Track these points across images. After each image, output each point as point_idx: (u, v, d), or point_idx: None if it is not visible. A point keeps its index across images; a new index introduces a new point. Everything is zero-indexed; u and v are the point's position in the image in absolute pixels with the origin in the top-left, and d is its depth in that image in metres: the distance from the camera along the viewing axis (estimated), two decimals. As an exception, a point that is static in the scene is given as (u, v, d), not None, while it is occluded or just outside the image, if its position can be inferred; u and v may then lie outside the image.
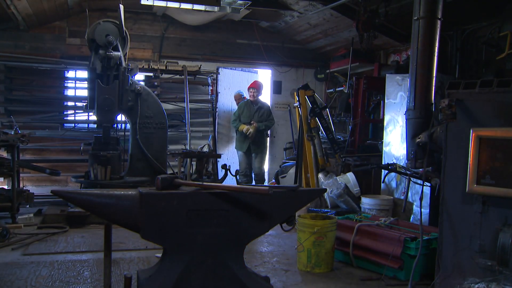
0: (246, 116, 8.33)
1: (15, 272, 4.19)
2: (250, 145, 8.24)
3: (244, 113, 8.37)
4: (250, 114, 8.30)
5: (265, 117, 8.37)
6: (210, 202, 2.71)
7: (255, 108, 8.34)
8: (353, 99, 7.59)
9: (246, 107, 8.39)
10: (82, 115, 8.69)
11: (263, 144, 8.52)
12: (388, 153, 6.28)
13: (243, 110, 8.40)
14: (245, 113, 8.35)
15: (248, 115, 8.32)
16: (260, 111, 8.36)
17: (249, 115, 8.31)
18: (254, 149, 8.31)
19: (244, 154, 8.37)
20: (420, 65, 4.30)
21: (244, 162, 8.41)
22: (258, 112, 8.33)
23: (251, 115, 8.30)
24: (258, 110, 8.34)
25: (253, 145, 8.27)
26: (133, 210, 2.61)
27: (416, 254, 3.97)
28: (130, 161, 6.94)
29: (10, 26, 7.93)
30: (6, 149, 6.60)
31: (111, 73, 6.54)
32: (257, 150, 8.35)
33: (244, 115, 8.35)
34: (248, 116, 8.29)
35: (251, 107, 8.37)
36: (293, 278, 4.29)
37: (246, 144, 8.27)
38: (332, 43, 9.31)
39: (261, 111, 8.37)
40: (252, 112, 8.32)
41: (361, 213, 5.68)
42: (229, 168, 7.13)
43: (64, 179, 8.37)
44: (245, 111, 8.36)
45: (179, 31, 9.15)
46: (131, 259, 4.70)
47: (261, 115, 8.34)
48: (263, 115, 8.38)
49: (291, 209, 3.06)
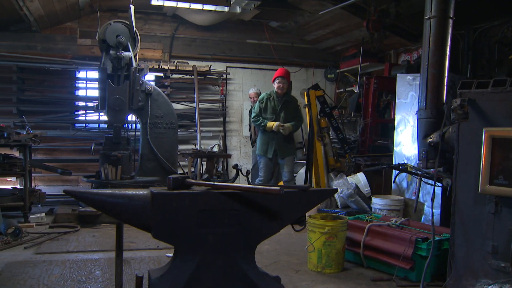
0: (270, 111, 6.89)
1: (27, 271, 4.22)
2: (277, 149, 6.80)
3: (268, 109, 6.92)
4: (275, 110, 6.87)
5: (292, 114, 6.94)
6: (221, 202, 2.71)
7: (281, 102, 6.90)
8: (363, 99, 7.56)
9: (270, 101, 6.92)
10: (93, 115, 8.73)
11: (293, 148, 7.09)
12: (399, 153, 6.25)
13: (266, 104, 6.93)
14: (268, 108, 6.90)
15: (272, 110, 6.89)
16: (287, 106, 6.92)
17: (273, 110, 6.88)
18: (283, 153, 6.82)
19: (269, 160, 6.87)
20: (431, 65, 4.28)
21: (268, 171, 6.95)
22: (285, 108, 6.90)
23: (276, 110, 6.86)
24: (285, 105, 6.90)
25: (281, 148, 6.81)
26: (145, 210, 2.62)
27: (428, 254, 3.94)
28: (140, 161, 6.96)
29: (23, 27, 8.00)
30: (18, 149, 6.67)
31: (121, 73, 6.58)
32: (286, 155, 6.85)
33: (268, 110, 6.91)
34: (273, 112, 6.87)
35: (276, 100, 6.91)
36: (304, 278, 4.29)
37: (272, 147, 6.80)
38: (342, 43, 9.28)
39: (288, 106, 6.93)
40: (277, 107, 6.87)
41: (372, 213, 5.67)
42: (241, 168, 7.12)
43: (75, 178, 8.42)
44: (269, 106, 6.90)
45: (189, 31, 9.17)
46: (142, 258, 4.72)
47: (288, 112, 6.90)
48: (291, 111, 6.95)
49: (302, 209, 3.05)
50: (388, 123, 7.85)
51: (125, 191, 2.67)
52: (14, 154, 6.78)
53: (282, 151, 6.81)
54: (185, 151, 7.80)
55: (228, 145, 9.27)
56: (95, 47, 8.08)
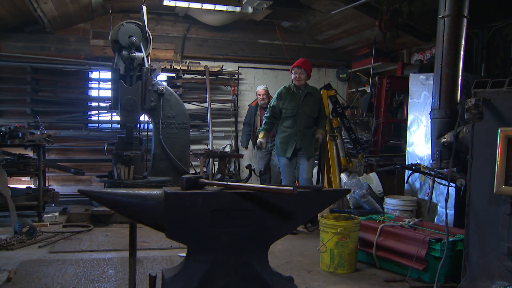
0: (289, 106, 5.98)
1: (42, 270, 4.26)
2: (298, 148, 5.98)
3: (286, 103, 5.99)
4: (296, 104, 5.96)
5: (316, 109, 6.09)
6: (235, 202, 2.72)
7: (302, 95, 6.03)
8: (376, 99, 7.52)
9: (289, 94, 6.02)
10: (105, 115, 8.79)
11: (314, 147, 6.15)
12: (411, 153, 6.21)
13: (284, 98, 6.02)
14: (288, 103, 5.98)
15: (293, 105, 5.96)
16: (309, 99, 6.04)
17: (294, 105, 5.96)
18: (304, 153, 5.98)
19: (289, 161, 6.02)
20: (445, 64, 4.24)
21: (290, 172, 6.06)
22: (308, 101, 6.02)
23: (297, 104, 5.96)
24: (307, 98, 6.03)
25: (302, 148, 5.97)
26: (158, 210, 2.63)
27: (441, 255, 3.91)
28: (152, 161, 7.00)
29: (37, 28, 8.08)
30: (32, 149, 6.73)
31: (134, 74, 6.62)
32: (308, 154, 5.99)
33: (288, 105, 5.98)
34: (294, 107, 5.95)
35: (295, 93, 6.03)
36: (316, 279, 4.27)
37: (291, 146, 5.96)
38: (354, 43, 9.24)
39: (311, 99, 6.04)
40: (298, 100, 5.99)
41: (384, 213, 5.64)
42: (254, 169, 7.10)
43: (88, 178, 8.49)
44: (288, 100, 6.00)
45: (201, 31, 9.19)
46: (154, 258, 4.74)
47: (311, 106, 6.03)
48: (315, 106, 6.08)
49: (315, 210, 3.05)
50: (401, 123, 7.80)
51: (139, 191, 2.68)
52: (28, 154, 6.85)
53: (306, 149, 5.98)
54: (197, 151, 7.82)
55: (240, 145, 9.27)
56: (107, 47, 8.14)
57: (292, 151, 5.95)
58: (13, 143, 6.02)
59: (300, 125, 5.96)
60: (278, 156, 6.15)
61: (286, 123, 6.02)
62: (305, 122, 5.99)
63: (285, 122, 6.03)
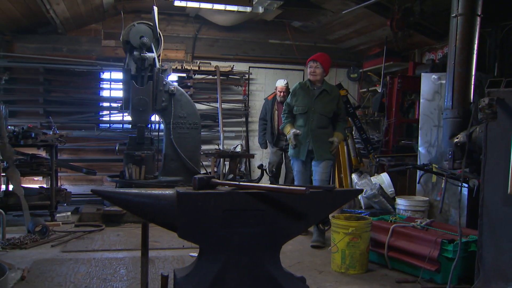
0: (302, 102, 5.51)
1: (54, 269, 4.30)
2: (311, 149, 5.44)
3: (299, 100, 5.55)
4: (309, 101, 5.47)
5: (332, 108, 5.51)
6: (247, 202, 2.71)
7: (317, 92, 5.52)
8: (387, 99, 7.48)
9: (303, 90, 5.57)
10: (117, 116, 8.83)
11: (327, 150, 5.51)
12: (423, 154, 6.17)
13: (298, 94, 5.59)
14: (301, 99, 5.53)
15: (306, 102, 5.49)
16: (325, 96, 5.51)
17: (307, 102, 5.48)
18: (317, 155, 5.43)
19: (303, 164, 5.55)
20: (458, 64, 4.20)
21: (304, 176, 5.60)
22: (323, 99, 5.49)
23: (310, 101, 5.47)
24: (323, 96, 5.51)
25: (316, 149, 5.43)
26: (171, 210, 2.63)
27: (454, 256, 3.88)
28: (164, 161, 7.02)
29: (49, 29, 8.15)
30: (45, 149, 6.80)
31: (145, 74, 6.65)
32: (321, 158, 5.43)
33: (300, 102, 5.53)
34: (306, 104, 5.48)
35: (310, 90, 5.55)
36: (327, 279, 4.26)
37: (304, 147, 5.46)
38: (365, 42, 9.20)
39: (326, 97, 5.51)
40: (312, 97, 5.49)
41: (396, 214, 5.61)
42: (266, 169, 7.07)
43: (100, 178, 8.54)
44: (301, 96, 5.55)
45: (211, 31, 9.21)
46: (165, 258, 4.75)
47: (326, 105, 5.49)
48: (330, 104, 5.51)
49: (327, 210, 3.04)
50: (412, 123, 7.76)
51: (151, 191, 2.69)
52: (41, 154, 6.91)
53: (317, 152, 5.44)
54: (208, 151, 7.83)
55: (251, 145, 9.28)
56: (119, 48, 8.19)
57: (306, 153, 5.44)
58: (26, 143, 6.08)
59: (312, 124, 5.42)
60: (292, 158, 5.66)
61: (299, 121, 5.54)
62: (317, 121, 5.43)
63: (298, 120, 5.56)
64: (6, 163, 5.77)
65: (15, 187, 5.85)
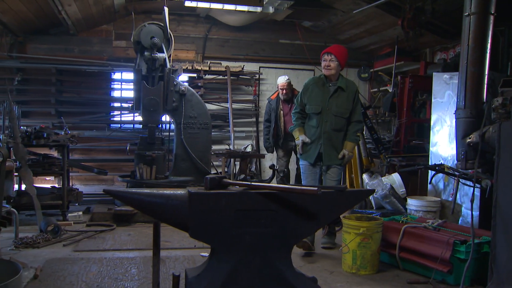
0: (316, 101, 5.00)
1: (67, 268, 4.33)
2: (322, 152, 4.98)
3: (312, 97, 5.03)
4: (322, 99, 4.97)
5: (348, 108, 5.00)
6: (258, 202, 2.71)
7: (332, 89, 5.01)
8: (398, 98, 7.45)
9: (317, 86, 5.06)
10: (127, 116, 8.88)
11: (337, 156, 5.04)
12: (435, 154, 6.13)
13: (311, 91, 5.07)
14: (314, 97, 5.02)
15: (319, 100, 4.98)
16: (340, 94, 4.99)
17: (320, 100, 4.98)
18: (327, 160, 4.98)
19: (312, 167, 5.09)
20: (471, 63, 4.17)
21: (312, 177, 5.11)
22: (338, 97, 4.97)
23: (323, 100, 4.97)
24: (338, 93, 4.98)
25: (326, 153, 4.97)
26: (182, 210, 2.64)
27: (466, 258, 3.85)
28: (174, 161, 7.04)
29: (61, 30, 8.22)
30: (56, 149, 6.85)
31: (156, 75, 6.67)
32: (331, 162, 5.01)
33: (313, 100, 5.02)
34: (319, 103, 4.97)
35: (325, 86, 5.03)
36: (338, 280, 4.25)
37: (315, 150, 5.00)
38: (376, 42, 9.16)
39: (342, 95, 4.98)
40: (326, 95, 4.99)
41: (407, 214, 5.57)
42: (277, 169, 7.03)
43: (111, 178, 8.59)
44: (314, 93, 5.03)
45: (222, 32, 9.22)
46: (176, 257, 4.76)
47: (342, 103, 4.97)
48: (346, 103, 4.99)
49: (338, 210, 3.03)
50: (424, 123, 7.72)
51: (163, 191, 2.70)
52: (53, 154, 6.97)
53: (326, 156, 4.97)
54: (219, 151, 7.84)
55: (261, 145, 9.25)
56: (129, 49, 8.23)
57: (316, 155, 4.99)
58: (39, 143, 6.14)
59: (325, 126, 4.94)
60: (301, 160, 5.21)
61: (311, 121, 5.07)
62: (332, 123, 4.95)
63: (311, 120, 5.08)
64: (19, 163, 5.82)
65: (27, 187, 5.91)
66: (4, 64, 8.06)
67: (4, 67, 8.17)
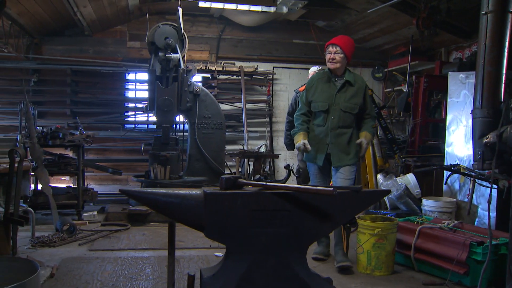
0: (320, 97, 4.53)
1: (82, 267, 4.36)
2: (329, 154, 4.51)
3: (316, 93, 4.57)
4: (328, 95, 4.51)
5: (357, 103, 4.50)
6: (273, 202, 2.71)
7: (339, 84, 4.53)
8: (413, 98, 7.40)
9: (322, 82, 4.59)
10: (142, 116, 8.93)
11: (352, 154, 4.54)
12: (450, 154, 6.07)
13: (316, 86, 4.60)
14: (319, 93, 4.55)
15: (326, 96, 4.51)
16: (348, 89, 4.52)
17: (326, 96, 4.51)
18: (337, 159, 4.50)
19: (320, 170, 4.63)
20: (488, 62, 4.10)
21: (322, 181, 4.66)
22: (346, 93, 4.51)
23: (330, 96, 4.50)
24: (346, 89, 4.52)
25: (334, 153, 4.49)
26: (198, 210, 2.64)
27: (483, 259, 3.81)
28: (188, 161, 7.06)
29: (76, 32, 8.30)
30: (72, 149, 6.92)
31: (170, 75, 6.70)
32: (341, 161, 4.50)
33: (319, 96, 4.54)
34: (325, 99, 4.50)
35: (331, 81, 4.56)
36: (353, 281, 4.23)
37: (322, 150, 4.51)
38: (390, 41, 9.10)
39: (350, 90, 4.51)
40: (332, 90, 4.52)
41: (422, 215, 5.53)
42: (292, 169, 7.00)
43: (125, 178, 8.64)
44: (319, 89, 4.57)
45: (235, 32, 9.23)
46: (190, 257, 4.78)
47: (350, 100, 4.49)
48: (354, 98, 4.50)
49: (354, 211, 3.00)
50: (439, 122, 7.66)
51: (178, 191, 2.70)
52: (68, 154, 7.03)
53: (334, 156, 4.50)
54: (233, 151, 7.85)
55: (275, 145, 9.27)
56: (143, 49, 8.28)
57: (324, 156, 4.51)
58: (54, 143, 6.21)
59: (332, 124, 4.48)
60: (308, 162, 4.72)
61: (317, 120, 4.60)
62: (339, 120, 4.48)
63: (316, 118, 4.62)
64: (35, 162, 5.89)
65: (43, 186, 5.97)
66: (21, 65, 8.17)
67: (21, 68, 8.28)
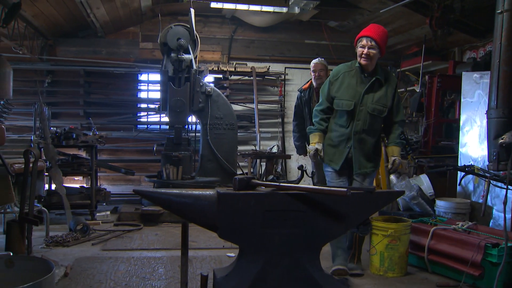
0: (345, 94, 4.10)
1: (95, 266, 4.39)
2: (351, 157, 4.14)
3: (342, 89, 4.12)
4: (355, 93, 4.08)
5: (387, 104, 4.13)
6: (287, 203, 2.70)
7: (367, 81, 4.10)
8: (426, 98, 7.33)
9: (348, 76, 4.14)
10: (154, 117, 8.96)
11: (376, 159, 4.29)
12: (464, 154, 6.01)
13: (341, 81, 4.14)
14: (343, 89, 4.12)
15: (352, 94, 4.08)
16: (378, 89, 4.12)
17: (352, 94, 4.08)
18: (358, 166, 4.14)
19: (337, 175, 4.22)
20: (503, 62, 4.05)
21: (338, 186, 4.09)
22: (375, 91, 4.10)
23: (357, 94, 4.08)
24: (375, 87, 4.11)
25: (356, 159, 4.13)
26: (211, 210, 2.65)
27: (499, 261, 3.76)
28: (200, 162, 7.08)
29: (89, 33, 8.35)
30: (85, 150, 6.97)
31: (182, 76, 6.73)
32: (363, 168, 4.16)
33: (344, 93, 4.10)
34: (351, 97, 4.07)
35: (359, 76, 4.12)
36: (366, 282, 4.21)
37: (342, 153, 4.15)
38: (403, 41, 9.03)
39: (381, 89, 4.11)
40: (360, 88, 4.09)
41: (436, 216, 5.48)
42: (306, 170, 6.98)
43: (138, 178, 8.68)
44: (345, 85, 4.12)
45: (247, 32, 9.23)
46: (203, 257, 4.79)
47: (379, 99, 4.09)
48: (384, 99, 4.11)
49: (368, 212, 3.00)
50: (453, 123, 7.58)
51: (192, 191, 2.71)
52: (81, 154, 7.09)
53: (357, 162, 4.14)
54: (245, 152, 7.85)
55: (287, 146, 9.25)
56: (156, 50, 8.31)
57: (343, 161, 4.15)
58: (68, 143, 6.27)
59: (357, 126, 4.09)
60: (325, 164, 4.33)
61: (340, 119, 4.17)
62: (365, 123, 4.10)
63: (339, 118, 4.18)
64: (49, 163, 5.95)
65: (57, 187, 6.03)
66: (35, 66, 8.24)
67: (35, 70, 8.36)
